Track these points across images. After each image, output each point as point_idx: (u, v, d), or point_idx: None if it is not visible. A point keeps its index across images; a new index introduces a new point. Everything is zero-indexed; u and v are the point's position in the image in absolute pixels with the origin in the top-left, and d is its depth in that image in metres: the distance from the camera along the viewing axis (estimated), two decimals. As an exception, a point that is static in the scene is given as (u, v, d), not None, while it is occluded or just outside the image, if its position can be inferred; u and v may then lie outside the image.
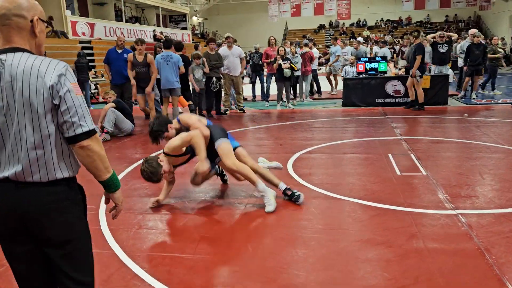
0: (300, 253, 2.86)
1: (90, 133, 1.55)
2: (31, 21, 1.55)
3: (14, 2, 1.52)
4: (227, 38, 9.42)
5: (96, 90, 12.95)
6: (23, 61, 1.49)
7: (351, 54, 11.67)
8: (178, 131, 3.91)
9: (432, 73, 10.16)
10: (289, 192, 3.80)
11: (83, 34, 17.94)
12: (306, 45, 11.29)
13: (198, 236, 3.20)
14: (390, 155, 5.26)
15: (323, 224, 3.33)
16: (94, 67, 15.86)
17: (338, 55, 11.89)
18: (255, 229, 3.30)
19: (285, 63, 9.33)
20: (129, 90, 8.82)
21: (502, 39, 20.38)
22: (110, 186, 1.68)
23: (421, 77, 8.82)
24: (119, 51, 8.63)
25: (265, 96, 10.79)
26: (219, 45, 10.50)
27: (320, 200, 3.86)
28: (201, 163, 3.56)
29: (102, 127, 7.01)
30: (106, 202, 1.78)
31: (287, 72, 9.37)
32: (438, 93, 9.44)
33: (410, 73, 8.79)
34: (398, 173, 4.58)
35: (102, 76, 14.81)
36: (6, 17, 1.51)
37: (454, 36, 12.01)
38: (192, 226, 3.41)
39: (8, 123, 1.51)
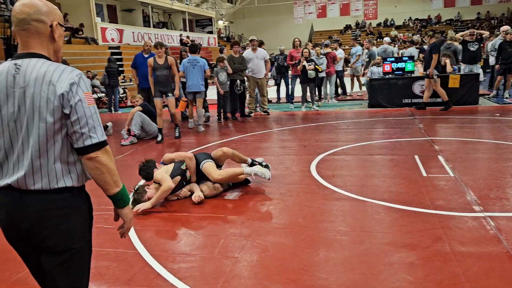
0: (322, 255, 2.84)
1: (100, 145, 1.51)
2: (51, 26, 1.54)
3: (33, 6, 1.50)
4: (251, 41, 9.46)
5: (125, 94, 13.26)
6: (38, 67, 1.47)
7: (375, 55, 11.49)
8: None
9: (462, 72, 9.87)
10: (256, 163, 4.46)
11: (112, 40, 18.45)
12: (327, 45, 11.20)
13: (220, 237, 3.23)
14: (416, 156, 5.15)
15: (345, 226, 3.30)
16: (122, 71, 16.28)
17: (359, 55, 11.74)
18: (276, 229, 3.30)
19: (309, 65, 9.29)
20: (155, 94, 9.02)
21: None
22: (118, 201, 1.62)
23: (438, 76, 8.67)
24: (146, 55, 8.81)
25: (290, 98, 10.78)
26: (244, 48, 10.58)
27: (343, 202, 3.82)
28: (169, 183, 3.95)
29: (129, 130, 7.18)
30: (115, 219, 1.71)
31: (312, 74, 9.33)
32: (468, 92, 9.17)
33: (427, 73, 8.63)
34: (424, 174, 4.48)
35: (130, 80, 15.18)
36: (25, 22, 1.50)
37: (486, 33, 11.61)
38: (214, 227, 3.44)
39: (17, 130, 1.49)
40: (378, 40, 31.76)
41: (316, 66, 9.40)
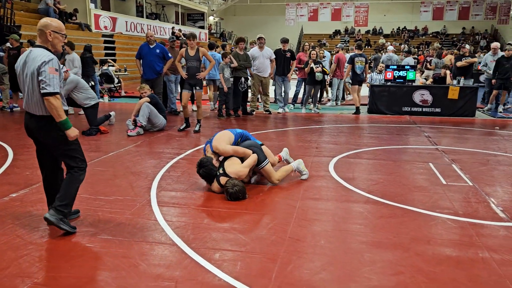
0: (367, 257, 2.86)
1: (51, 94, 2.89)
2: (46, 32, 3.01)
3: (42, 23, 3.02)
4: (259, 38, 9.42)
5: (119, 84, 12.97)
6: (36, 52, 2.97)
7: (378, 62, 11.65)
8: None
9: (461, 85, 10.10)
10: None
11: (105, 28, 18.06)
12: (342, 48, 11.27)
13: (259, 234, 3.21)
14: (431, 164, 5.25)
15: (369, 230, 3.33)
16: (115, 60, 15.95)
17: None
18: (315, 230, 3.30)
19: (317, 67, 9.33)
20: (159, 86, 8.88)
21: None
22: (62, 125, 2.99)
23: (350, 83, 9.99)
24: (151, 46, 8.68)
25: (293, 100, 10.86)
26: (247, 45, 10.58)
27: (370, 205, 3.85)
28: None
29: (135, 121, 7.03)
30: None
31: (319, 76, 9.38)
32: (466, 104, 9.41)
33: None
34: (444, 182, 4.57)
35: (125, 70, 14.89)
36: (37, 29, 3.02)
37: (474, 61, 11.28)
38: (249, 224, 3.41)
39: (26, 83, 3.01)
40: (366, 47, 32.24)
41: (324, 69, 9.45)
